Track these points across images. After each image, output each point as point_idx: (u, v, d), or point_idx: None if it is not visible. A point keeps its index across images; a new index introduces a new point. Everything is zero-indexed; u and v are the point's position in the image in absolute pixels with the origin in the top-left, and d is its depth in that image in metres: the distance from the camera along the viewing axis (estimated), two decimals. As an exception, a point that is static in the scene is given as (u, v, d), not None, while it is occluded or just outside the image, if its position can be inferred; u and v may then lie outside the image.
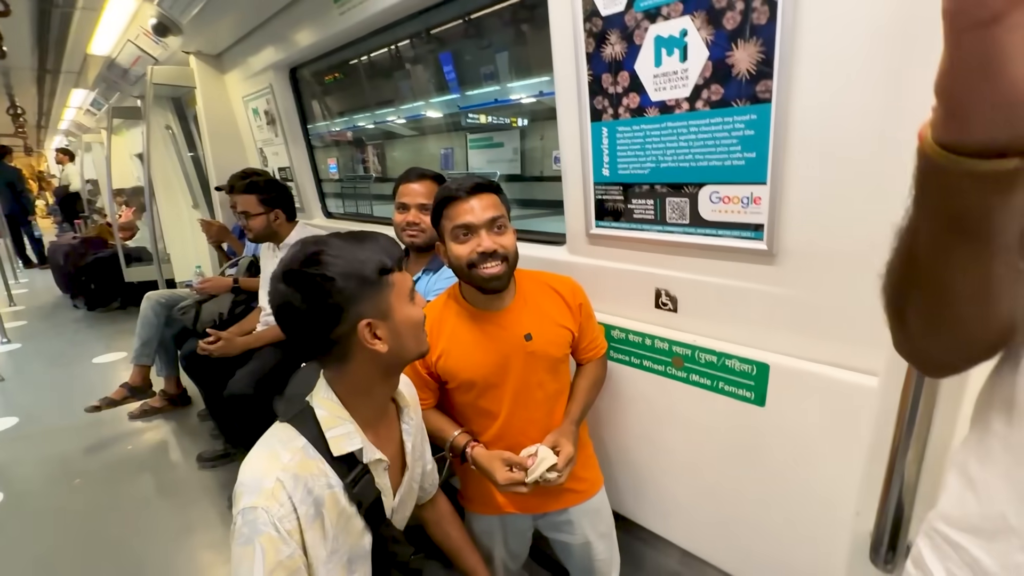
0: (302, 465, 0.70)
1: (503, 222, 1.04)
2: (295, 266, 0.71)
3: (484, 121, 4.77)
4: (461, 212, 1.02)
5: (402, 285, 0.78)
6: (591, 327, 1.17)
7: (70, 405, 2.71)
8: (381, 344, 0.74)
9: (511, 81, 3.59)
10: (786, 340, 0.98)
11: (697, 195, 1.04)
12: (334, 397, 0.77)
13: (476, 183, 1.03)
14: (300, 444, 0.72)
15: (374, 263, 0.73)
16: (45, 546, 1.78)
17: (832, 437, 0.92)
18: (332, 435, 0.74)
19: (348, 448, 0.75)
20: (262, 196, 1.94)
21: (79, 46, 3.29)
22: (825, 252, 0.89)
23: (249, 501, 0.65)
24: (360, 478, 0.76)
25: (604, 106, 1.13)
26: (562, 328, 1.10)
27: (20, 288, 5.84)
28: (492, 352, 1.06)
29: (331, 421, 0.75)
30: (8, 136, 8.70)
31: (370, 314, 0.73)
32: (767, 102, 0.88)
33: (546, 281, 1.14)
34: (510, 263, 1.04)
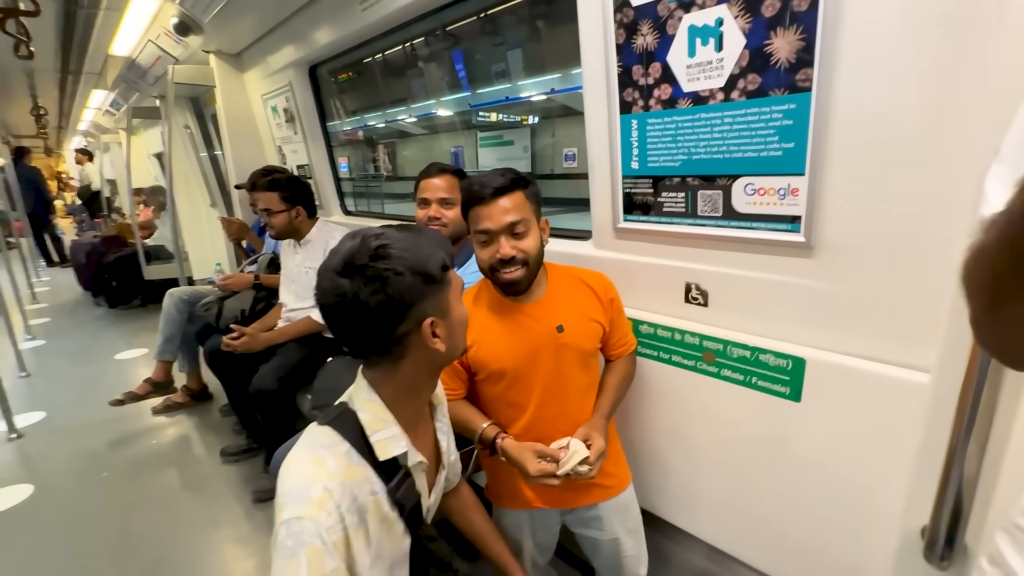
0: (348, 471, 0.66)
1: (525, 225, 1.02)
2: (361, 260, 0.66)
3: (495, 119, 4.76)
4: (481, 217, 1.02)
5: (457, 282, 0.77)
6: (621, 323, 1.16)
7: (95, 400, 2.76)
8: (440, 343, 0.72)
9: (522, 79, 3.58)
10: (824, 335, 0.96)
11: (731, 187, 1.02)
12: (377, 399, 0.73)
13: (499, 185, 1.01)
14: (344, 449, 0.68)
15: (438, 259, 0.70)
16: (76, 538, 1.82)
17: (873, 433, 0.90)
18: (377, 439, 0.71)
19: (394, 452, 0.72)
20: (284, 193, 1.96)
21: (101, 47, 3.34)
22: (866, 244, 0.87)
23: (295, 511, 0.61)
24: (403, 482, 0.73)
25: (634, 98, 1.12)
26: (593, 322, 1.09)
27: (42, 286, 5.96)
28: (523, 343, 1.06)
29: (375, 424, 0.72)
30: (30, 137, 8.88)
31: (433, 312, 0.70)
32: (807, 91, 0.86)
33: (578, 275, 1.13)
34: (530, 267, 1.03)
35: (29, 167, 6.85)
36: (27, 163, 6.87)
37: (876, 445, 0.90)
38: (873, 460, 0.91)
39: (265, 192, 1.96)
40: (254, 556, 1.66)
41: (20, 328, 3.92)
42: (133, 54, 3.34)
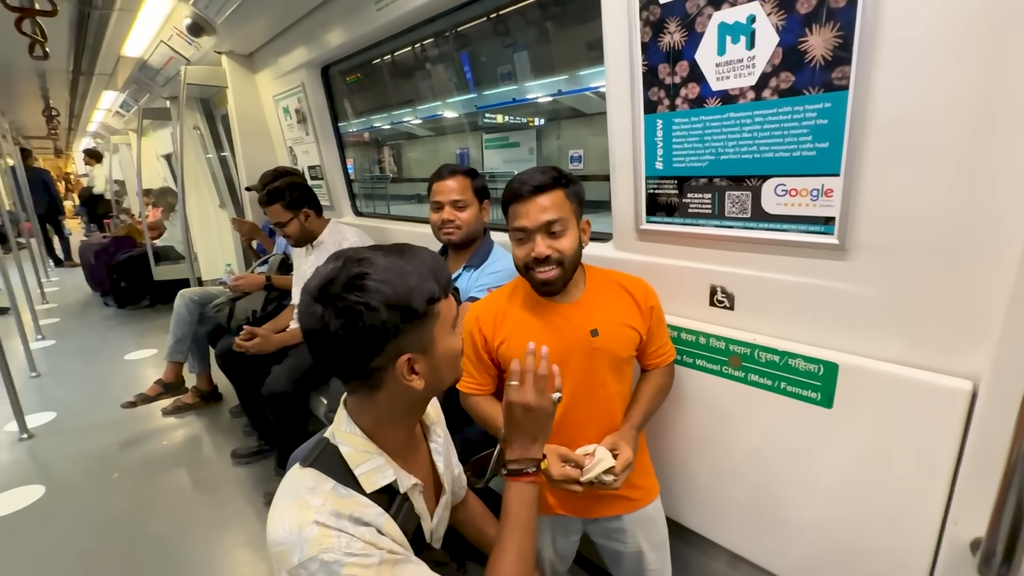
0: (337, 503, 0.63)
1: (563, 224, 1.00)
2: (336, 288, 0.61)
3: (501, 121, 4.73)
4: (518, 214, 1.01)
5: (447, 314, 0.69)
6: (661, 332, 1.12)
7: (105, 400, 2.76)
8: (418, 380, 0.67)
9: (529, 80, 3.56)
10: (857, 340, 0.94)
11: (760, 188, 1.00)
12: (357, 431, 0.70)
13: (538, 183, 0.99)
14: (328, 487, 0.64)
15: (423, 292, 0.64)
16: (87, 540, 1.81)
17: (909, 441, 0.87)
18: (361, 472, 0.67)
19: (381, 483, 0.68)
20: (285, 201, 1.94)
21: (113, 48, 3.35)
22: (904, 247, 0.85)
23: (303, 555, 0.58)
24: (401, 507, 0.70)
25: (659, 97, 1.10)
26: (630, 329, 1.06)
27: (52, 286, 5.99)
28: (555, 343, 1.02)
29: (358, 457, 0.68)
30: (40, 138, 8.95)
31: (412, 349, 0.65)
32: (843, 89, 0.84)
33: (618, 280, 1.11)
34: (566, 267, 1.01)
35: (41, 169, 6.91)
36: (30, 165, 6.92)
37: (912, 454, 0.88)
38: (909, 469, 0.88)
39: (268, 207, 1.95)
40: (267, 560, 1.64)
41: (31, 328, 3.93)
42: (145, 55, 3.35)
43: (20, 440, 2.47)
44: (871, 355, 0.92)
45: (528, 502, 0.76)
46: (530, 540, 0.75)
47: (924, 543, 0.85)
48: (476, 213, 1.46)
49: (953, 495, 0.79)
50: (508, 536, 0.74)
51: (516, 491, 0.77)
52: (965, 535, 0.67)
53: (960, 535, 0.68)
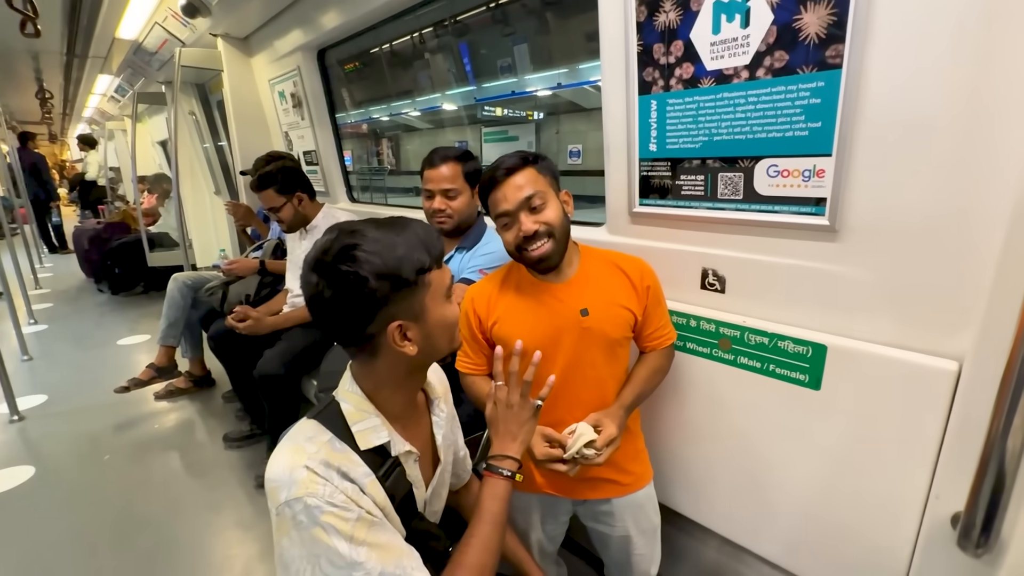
0: (330, 455, 0.67)
1: (542, 198, 0.99)
2: (327, 258, 0.66)
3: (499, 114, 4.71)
4: (497, 201, 1.01)
5: (439, 283, 0.72)
6: (658, 314, 1.10)
7: (97, 384, 2.75)
8: (410, 346, 0.71)
9: (528, 73, 3.54)
10: (846, 321, 0.94)
11: (753, 169, 1.00)
12: (358, 391, 0.74)
13: (510, 165, 1.00)
14: (326, 438, 0.69)
15: (412, 263, 0.67)
16: (77, 520, 1.80)
17: (897, 420, 0.88)
18: (358, 429, 0.71)
19: (375, 442, 0.72)
20: (278, 186, 1.92)
21: (107, 30, 3.30)
22: (895, 228, 0.85)
23: (289, 494, 0.62)
24: (392, 471, 0.73)
25: (654, 78, 1.09)
26: (623, 309, 1.05)
27: (45, 272, 5.95)
28: (545, 322, 1.03)
29: (356, 415, 0.72)
30: (34, 123, 8.86)
31: (402, 316, 0.69)
32: (837, 68, 0.84)
33: (613, 259, 1.09)
34: (557, 238, 1.00)
35: (34, 153, 6.84)
36: (32, 149, 6.86)
37: (899, 434, 0.88)
38: (895, 449, 0.89)
39: (260, 192, 1.93)
40: (258, 541, 1.65)
41: (23, 312, 3.90)
42: (140, 37, 3.31)
43: (11, 422, 2.46)
44: (859, 336, 0.93)
45: (499, 496, 0.78)
46: (497, 533, 0.76)
47: (908, 521, 0.86)
48: (468, 200, 1.45)
49: (936, 471, 0.80)
50: (475, 527, 0.75)
51: (489, 485, 0.79)
52: (946, 510, 0.68)
53: (941, 510, 0.69)
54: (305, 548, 0.62)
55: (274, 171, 1.93)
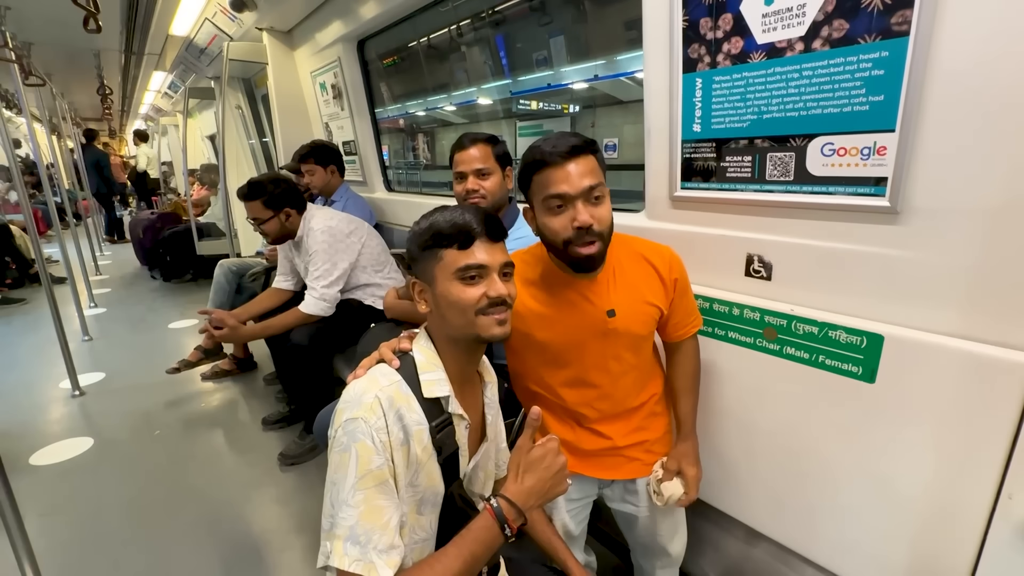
0: (397, 394, 0.74)
1: (601, 191, 0.91)
2: None
3: (535, 107, 4.65)
4: (555, 180, 0.89)
5: (452, 261, 0.76)
6: (684, 304, 1.05)
7: (149, 364, 2.91)
8: (423, 305, 0.81)
9: (565, 65, 3.49)
10: (906, 310, 0.88)
11: (806, 148, 0.94)
12: (431, 345, 0.81)
13: (573, 144, 0.89)
14: (397, 378, 0.76)
15: (429, 233, 0.77)
16: (131, 488, 1.91)
17: (962, 416, 0.81)
18: (426, 378, 0.77)
19: (438, 393, 0.77)
20: (266, 198, 1.88)
21: (161, 27, 3.46)
22: (964, 209, 0.79)
23: (351, 413, 0.70)
24: (444, 425, 0.78)
25: (700, 54, 1.05)
26: (650, 306, 1.00)
27: (105, 260, 6.32)
28: (569, 323, 0.99)
29: (427, 366, 0.79)
30: (95, 120, 9.41)
31: (420, 275, 0.81)
32: (904, 35, 0.78)
33: (639, 250, 1.02)
34: (605, 240, 0.92)
35: (97, 150, 7.27)
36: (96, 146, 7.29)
37: (963, 430, 0.82)
38: (958, 446, 0.83)
39: (248, 202, 1.89)
40: (293, 517, 1.70)
41: (85, 297, 4.16)
42: (191, 34, 3.45)
43: (73, 396, 2.63)
44: (920, 327, 0.86)
45: (487, 544, 0.71)
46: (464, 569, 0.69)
47: (973, 523, 0.80)
48: (500, 181, 1.44)
49: (1008, 470, 0.73)
50: (448, 556, 0.69)
51: (484, 526, 0.71)
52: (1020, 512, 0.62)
53: (1015, 511, 0.63)
54: (331, 466, 0.70)
55: (264, 182, 1.89)
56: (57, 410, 2.53)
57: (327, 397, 1.78)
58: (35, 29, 3.53)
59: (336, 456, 0.69)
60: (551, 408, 1.09)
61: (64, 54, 4.47)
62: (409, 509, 0.75)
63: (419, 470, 0.75)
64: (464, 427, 0.82)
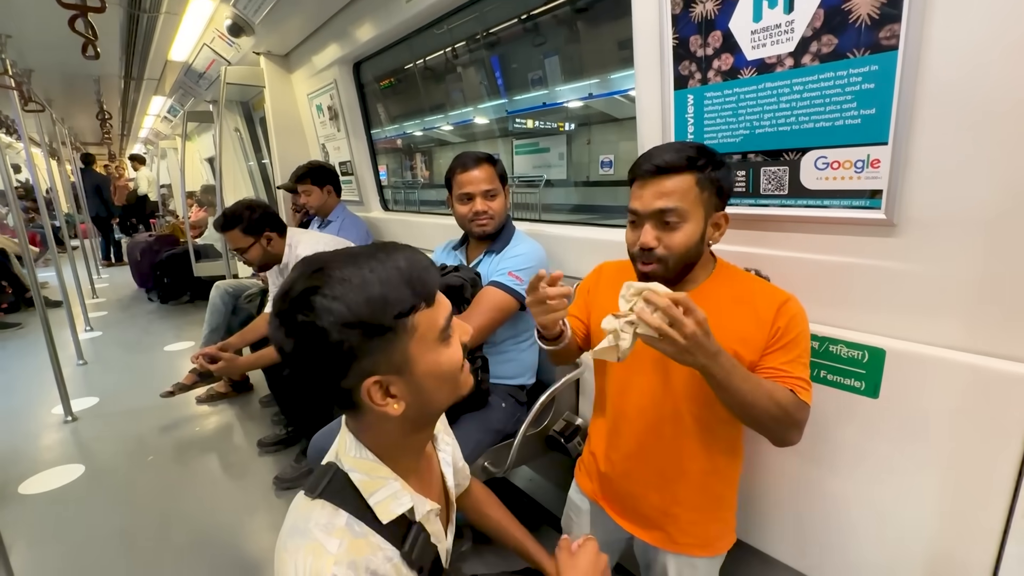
0: (354, 547, 0.56)
1: (680, 216, 0.83)
2: (286, 306, 0.55)
3: (531, 126, 4.68)
4: (634, 194, 0.88)
5: (429, 325, 0.58)
6: (782, 355, 0.84)
7: (144, 388, 2.87)
8: (394, 404, 0.58)
9: (559, 84, 3.52)
10: (907, 323, 0.87)
11: (799, 162, 0.94)
12: (368, 454, 0.63)
13: (662, 163, 0.83)
14: (342, 522, 0.58)
15: (389, 305, 0.54)
16: (122, 516, 1.86)
17: (970, 431, 0.80)
18: (376, 501, 0.61)
19: (398, 511, 0.62)
20: (244, 225, 1.84)
21: (160, 53, 3.51)
22: (962, 220, 0.78)
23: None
24: (417, 540, 0.64)
25: (691, 71, 1.05)
26: (730, 349, 0.82)
27: (102, 282, 6.30)
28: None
29: (371, 484, 0.62)
30: (95, 144, 9.50)
31: (381, 369, 0.56)
32: (892, 49, 0.78)
33: (747, 287, 0.90)
34: (669, 266, 0.85)
35: (97, 174, 7.32)
36: (96, 170, 7.35)
37: (973, 445, 0.80)
38: (969, 461, 0.80)
39: (225, 232, 1.85)
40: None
41: (80, 320, 4.14)
42: (189, 59, 3.50)
43: (65, 422, 2.59)
44: (923, 340, 0.85)
45: None
46: None
47: (987, 542, 0.77)
48: (504, 201, 1.44)
49: (1021, 486, 0.71)
50: None
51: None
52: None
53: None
54: None
55: (239, 211, 1.84)
56: (49, 436, 2.49)
57: (324, 418, 1.75)
58: (35, 56, 3.57)
59: None
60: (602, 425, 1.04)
61: (64, 80, 4.52)
62: None
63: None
64: (435, 515, 0.68)
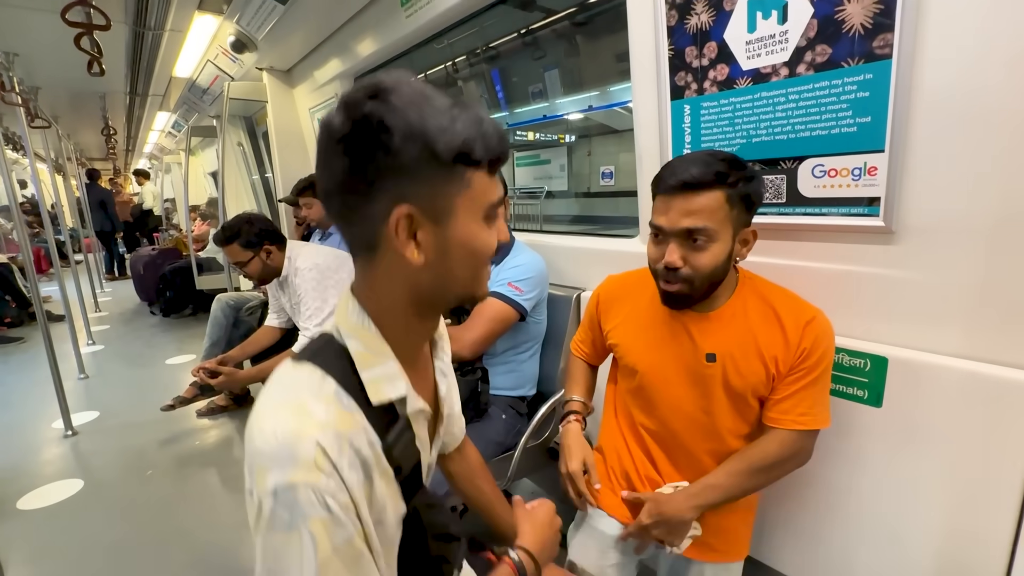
0: (341, 419, 0.49)
1: (708, 236, 0.80)
2: (358, 95, 0.48)
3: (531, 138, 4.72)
4: (658, 209, 0.85)
5: (481, 193, 0.52)
6: (805, 386, 0.83)
7: (145, 401, 2.86)
8: (415, 251, 0.50)
9: (560, 97, 3.54)
10: (909, 331, 0.86)
11: (796, 170, 0.94)
12: (370, 324, 0.54)
13: (690, 179, 0.80)
14: (331, 390, 0.51)
15: (455, 137, 0.48)
16: (120, 531, 1.84)
17: (975, 439, 0.79)
18: (370, 377, 0.52)
19: (390, 395, 0.54)
20: (242, 239, 1.85)
21: (165, 69, 3.57)
22: (962, 226, 0.78)
23: (284, 477, 0.45)
24: (402, 436, 0.55)
25: (687, 82, 1.06)
26: (759, 363, 0.85)
27: (105, 296, 6.33)
28: (665, 352, 0.92)
29: (368, 359, 0.53)
30: (100, 160, 9.61)
31: (417, 201, 0.49)
32: (886, 58, 0.79)
33: (774, 300, 0.88)
34: (695, 286, 0.84)
35: (102, 189, 7.39)
36: (100, 184, 7.42)
37: (978, 454, 0.79)
38: (975, 470, 0.79)
39: (224, 247, 1.86)
40: (287, 560, 1.64)
41: (83, 334, 4.14)
42: (194, 75, 3.55)
43: (65, 437, 2.57)
44: (926, 348, 0.84)
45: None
46: None
47: (996, 553, 0.75)
48: (504, 212, 1.45)
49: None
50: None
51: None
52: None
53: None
54: (267, 553, 0.47)
55: (237, 228, 1.84)
56: (48, 451, 2.47)
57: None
58: (42, 73, 3.63)
59: (277, 538, 0.46)
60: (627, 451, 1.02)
61: (70, 97, 4.59)
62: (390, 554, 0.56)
63: (386, 503, 0.53)
64: (424, 419, 0.60)
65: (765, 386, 0.86)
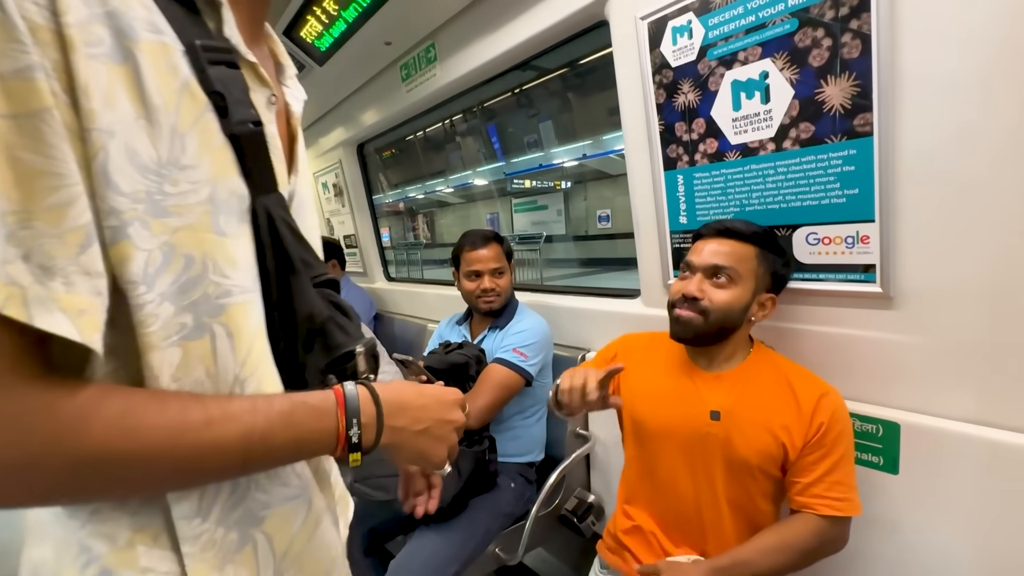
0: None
1: (731, 276, 0.87)
2: None
3: (528, 186, 4.85)
4: (694, 249, 0.93)
5: None
6: (827, 466, 0.81)
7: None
8: None
9: (555, 146, 3.66)
10: (918, 396, 0.86)
11: (791, 237, 0.97)
12: None
13: (729, 227, 0.90)
14: None
15: None
16: None
17: (997, 506, 0.76)
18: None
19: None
20: None
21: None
22: (960, 291, 0.79)
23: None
24: (219, 54, 0.39)
25: (678, 154, 1.10)
26: (769, 433, 0.84)
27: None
28: (669, 405, 0.93)
29: None
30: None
31: None
32: (868, 135, 0.83)
33: (789, 373, 0.88)
34: (708, 320, 0.86)
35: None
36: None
37: (1000, 522, 0.76)
38: (998, 540, 0.77)
39: None
40: None
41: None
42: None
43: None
44: (937, 413, 0.84)
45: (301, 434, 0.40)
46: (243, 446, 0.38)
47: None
48: (510, 278, 1.47)
49: None
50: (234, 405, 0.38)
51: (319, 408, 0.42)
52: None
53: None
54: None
55: None
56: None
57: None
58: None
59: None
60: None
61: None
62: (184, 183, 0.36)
63: (186, 137, 0.36)
64: (267, 99, 0.45)
65: (775, 460, 0.84)
